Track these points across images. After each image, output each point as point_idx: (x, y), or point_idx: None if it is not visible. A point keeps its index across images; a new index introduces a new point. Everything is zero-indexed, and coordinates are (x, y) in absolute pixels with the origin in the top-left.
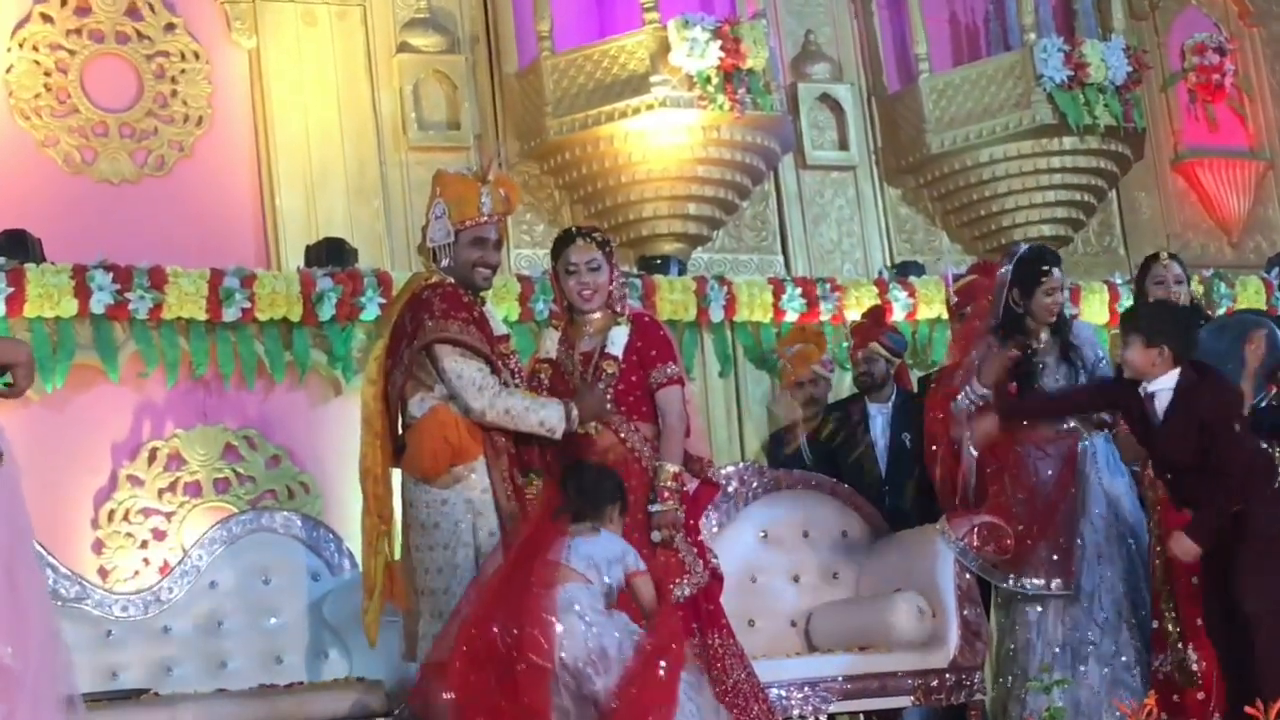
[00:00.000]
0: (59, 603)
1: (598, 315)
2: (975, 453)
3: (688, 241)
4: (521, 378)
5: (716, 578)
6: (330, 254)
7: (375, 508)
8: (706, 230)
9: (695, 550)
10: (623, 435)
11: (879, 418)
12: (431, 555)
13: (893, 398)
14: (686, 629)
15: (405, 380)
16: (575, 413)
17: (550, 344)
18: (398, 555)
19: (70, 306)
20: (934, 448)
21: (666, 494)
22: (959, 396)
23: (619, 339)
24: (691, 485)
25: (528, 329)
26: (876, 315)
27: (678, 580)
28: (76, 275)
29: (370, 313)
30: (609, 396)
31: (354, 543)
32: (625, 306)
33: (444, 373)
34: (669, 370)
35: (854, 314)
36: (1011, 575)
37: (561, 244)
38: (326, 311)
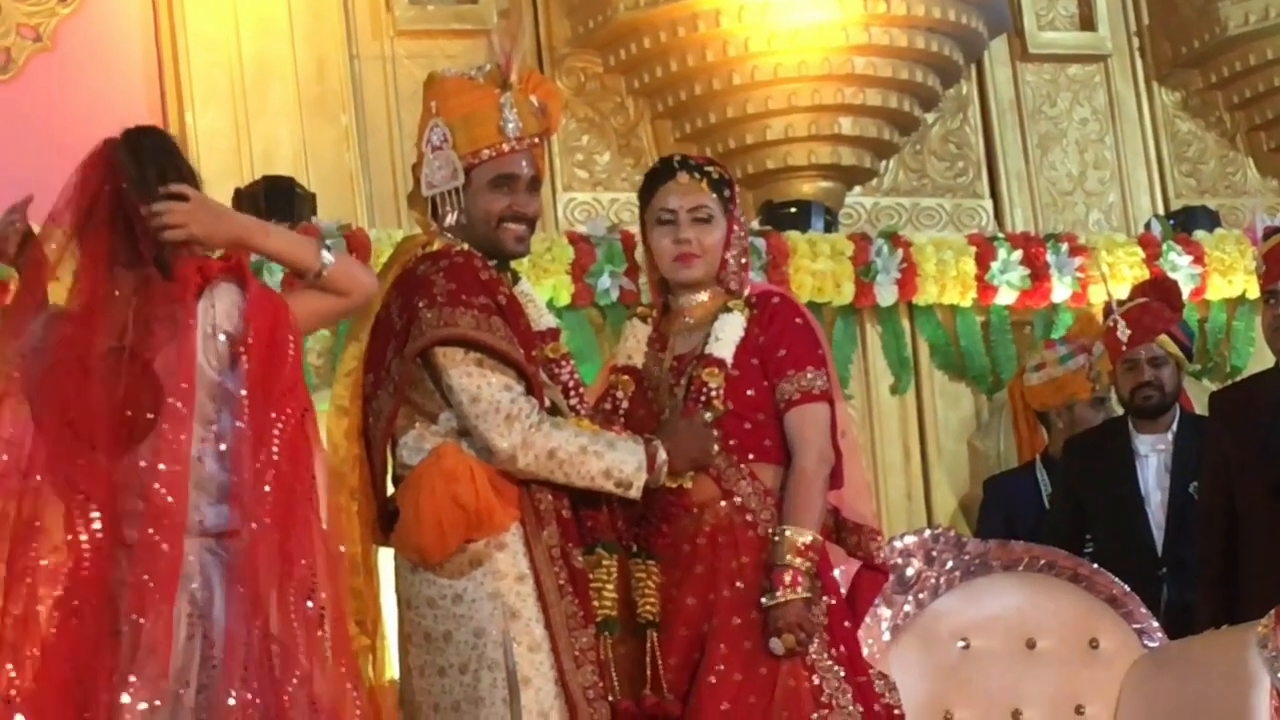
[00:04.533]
0: None
1: (703, 296)
2: None
3: (838, 178)
4: (580, 399)
5: (889, 718)
6: (273, 202)
7: (354, 610)
8: (869, 160)
9: (843, 671)
10: (729, 485)
11: (1152, 457)
12: (442, 683)
13: (1174, 426)
14: None
15: (395, 406)
16: (663, 457)
17: (634, 342)
18: (390, 678)
19: None
20: None
21: (791, 576)
22: None
23: (728, 333)
24: (842, 569)
25: (583, 319)
26: (1165, 289)
27: (812, 718)
28: None
29: None
30: (712, 424)
31: None
32: (746, 281)
33: (453, 392)
34: (808, 379)
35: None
36: None
37: (654, 181)
38: None
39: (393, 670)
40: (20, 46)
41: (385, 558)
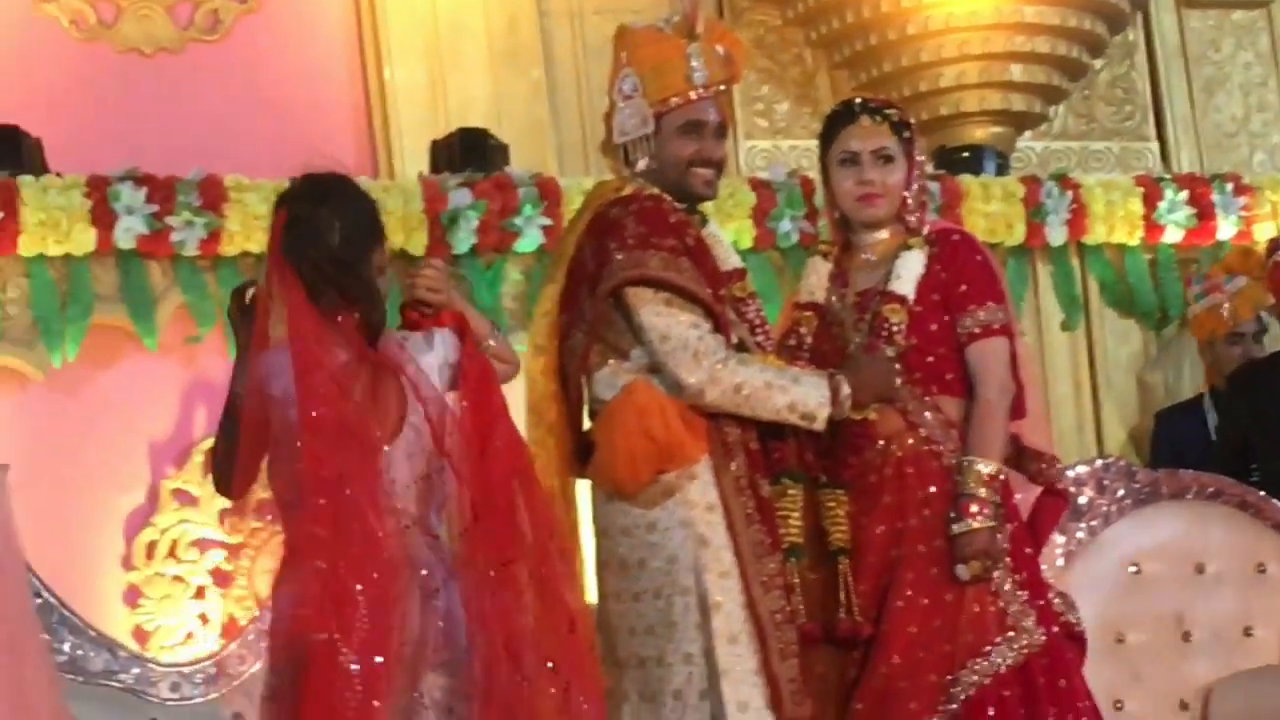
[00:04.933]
0: (78, 679)
1: (883, 234)
2: None
3: (1009, 123)
4: (766, 335)
5: (1070, 638)
6: (468, 153)
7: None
8: (1039, 105)
9: (1026, 595)
10: (913, 418)
11: None
12: (636, 608)
13: None
14: (1010, 716)
15: (589, 344)
16: (846, 390)
17: (815, 280)
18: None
19: (86, 239)
20: None
21: (978, 506)
22: None
23: (910, 269)
24: (1023, 496)
25: (765, 261)
26: None
27: (996, 641)
28: (94, 191)
29: (528, 241)
30: (895, 359)
31: None
32: (924, 220)
33: (644, 330)
34: (987, 314)
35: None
36: None
37: (836, 123)
38: (464, 239)
39: (590, 596)
40: (227, 9)
41: (582, 489)
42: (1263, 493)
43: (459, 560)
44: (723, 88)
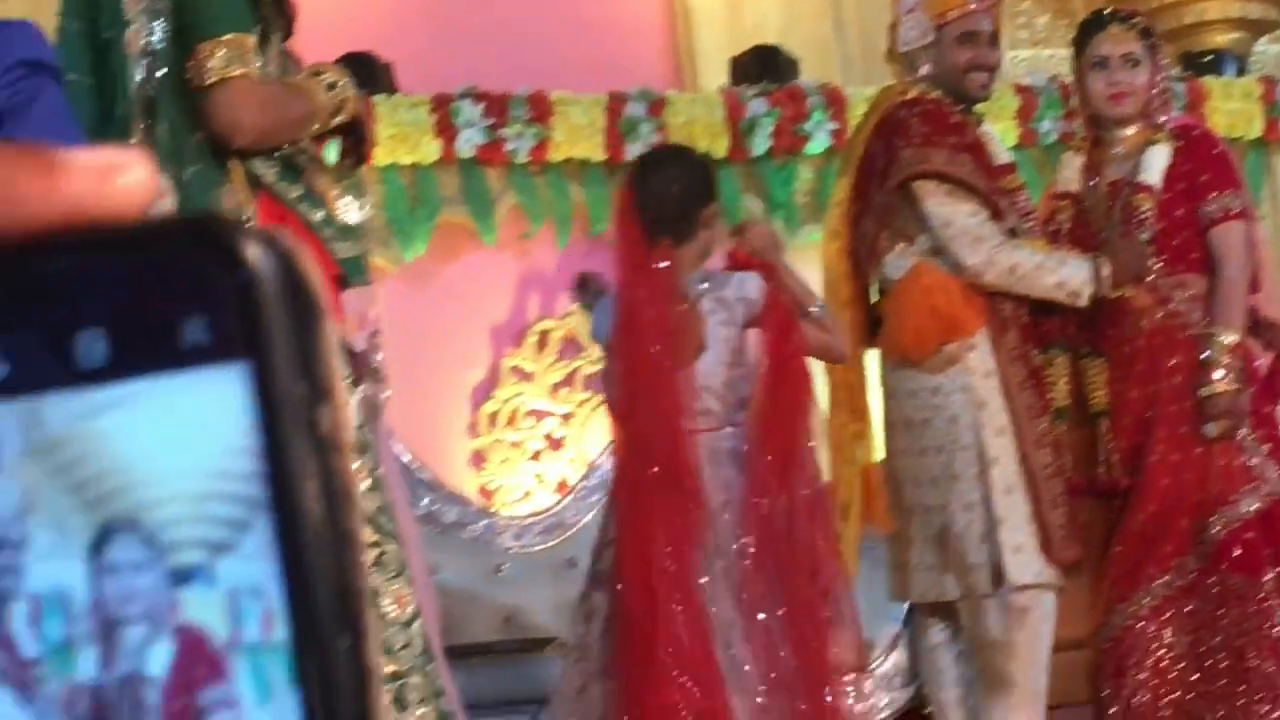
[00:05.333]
0: (434, 530)
1: (1131, 130)
2: None
3: (1248, 29)
4: (1034, 223)
5: None
6: (763, 67)
7: (846, 401)
8: (1275, 13)
9: (1268, 448)
10: (1164, 294)
11: None
12: (922, 462)
13: None
14: (1257, 559)
15: (878, 230)
16: (1107, 271)
17: (1070, 172)
18: (877, 459)
19: (431, 149)
20: None
21: (1224, 372)
22: None
23: (1156, 161)
24: (1262, 361)
25: (1028, 157)
26: None
27: (1242, 490)
28: (438, 108)
29: (818, 143)
30: (1146, 243)
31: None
32: (1168, 117)
33: (928, 218)
34: (1227, 200)
35: None
36: None
37: (1089, 31)
38: (760, 143)
39: (879, 452)
40: None
41: (872, 357)
42: None
43: (749, 444)
44: (993, 1)
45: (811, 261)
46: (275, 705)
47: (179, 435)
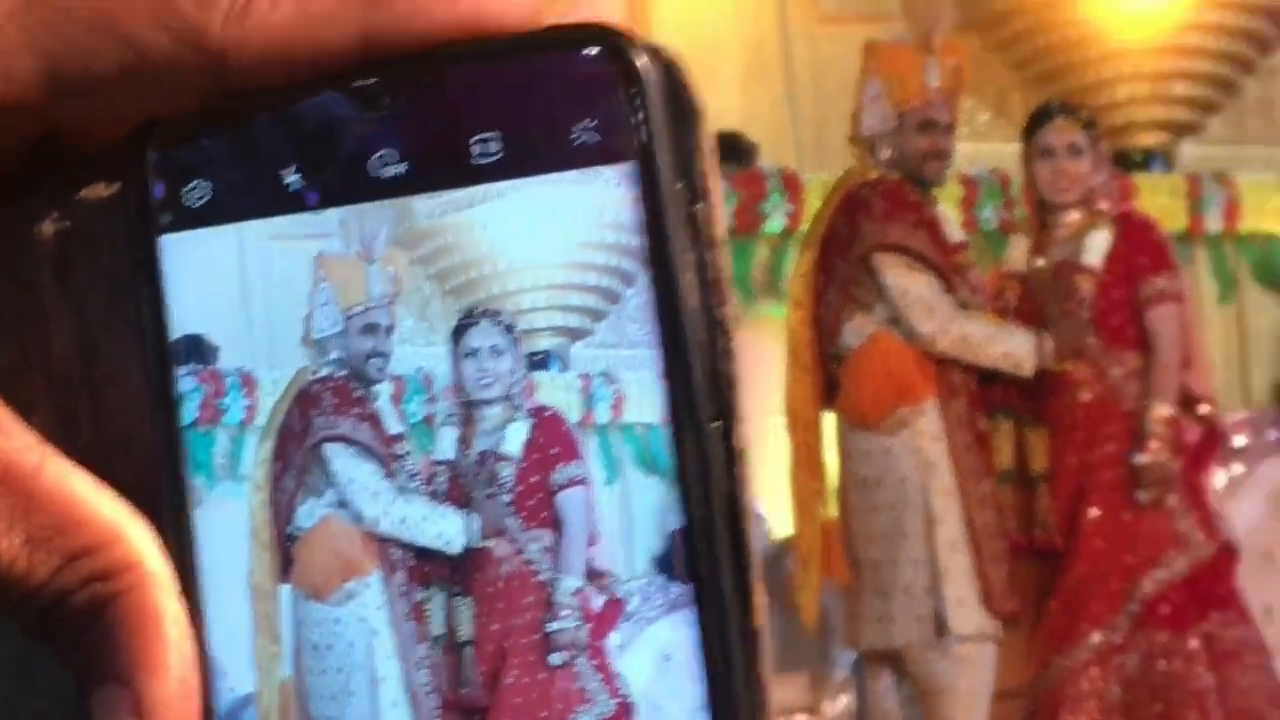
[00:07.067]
0: None
1: (1074, 215)
2: None
3: (1173, 131)
4: (984, 297)
5: (1226, 551)
6: (723, 152)
7: (805, 460)
8: (1198, 116)
9: (1196, 516)
10: (1102, 368)
11: None
12: (873, 519)
13: None
14: (1184, 619)
15: (840, 301)
16: (1049, 345)
17: (1017, 253)
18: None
19: None
20: None
21: (1157, 443)
22: None
23: (1097, 245)
24: (1192, 434)
25: (971, 241)
26: None
27: (1169, 554)
28: None
29: (775, 223)
30: (1086, 320)
31: (772, 502)
32: (1109, 204)
33: (887, 289)
34: (1163, 283)
35: None
36: None
37: (1037, 121)
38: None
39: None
40: None
41: (828, 420)
42: None
43: None
44: (951, 94)
45: (765, 333)
46: (622, 483)
47: (547, 229)
